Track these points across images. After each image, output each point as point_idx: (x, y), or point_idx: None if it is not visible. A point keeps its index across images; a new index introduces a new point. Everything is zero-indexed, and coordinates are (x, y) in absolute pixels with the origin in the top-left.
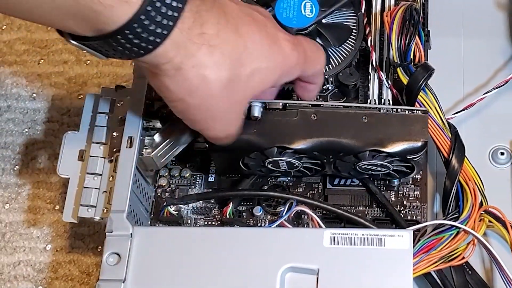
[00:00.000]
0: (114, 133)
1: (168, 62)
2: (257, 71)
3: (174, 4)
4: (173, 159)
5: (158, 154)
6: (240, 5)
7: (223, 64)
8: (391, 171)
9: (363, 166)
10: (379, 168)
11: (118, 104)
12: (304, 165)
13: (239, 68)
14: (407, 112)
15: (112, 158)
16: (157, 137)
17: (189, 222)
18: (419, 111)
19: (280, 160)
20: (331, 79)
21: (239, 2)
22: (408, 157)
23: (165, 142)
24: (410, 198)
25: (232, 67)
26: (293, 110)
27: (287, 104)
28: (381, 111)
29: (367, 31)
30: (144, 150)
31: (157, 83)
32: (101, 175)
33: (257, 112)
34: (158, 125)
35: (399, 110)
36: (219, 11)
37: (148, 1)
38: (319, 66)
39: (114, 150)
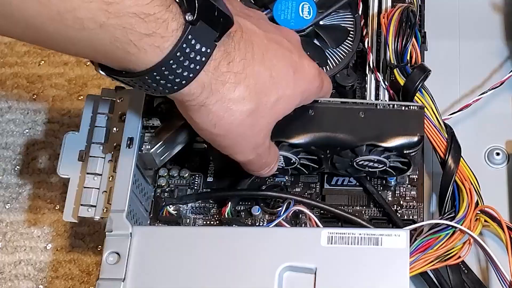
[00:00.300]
0: (114, 128)
1: (192, 100)
2: (281, 99)
3: (204, 49)
4: (172, 159)
5: (158, 151)
6: (268, 31)
7: (247, 96)
8: (387, 168)
9: (360, 162)
10: (376, 164)
11: (118, 100)
12: (301, 161)
13: (263, 98)
14: (403, 107)
15: (112, 158)
16: (156, 134)
17: (188, 221)
18: (415, 107)
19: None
20: None
21: (267, 28)
22: (405, 151)
23: (164, 139)
24: (406, 198)
25: (256, 98)
26: None
27: None
28: (378, 107)
29: (364, 33)
30: (143, 146)
31: (184, 113)
32: (101, 175)
33: None
34: (158, 123)
35: (395, 105)
36: (247, 45)
37: (179, 47)
38: (329, 91)
39: (114, 150)
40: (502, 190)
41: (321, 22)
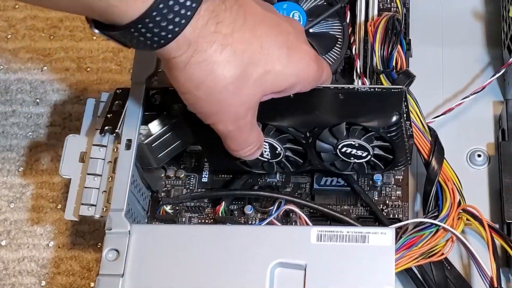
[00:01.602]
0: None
1: (179, 56)
2: (270, 73)
3: (188, 3)
4: (169, 160)
5: (153, 146)
6: (268, 11)
7: (233, 61)
8: (373, 158)
9: (343, 150)
10: (359, 153)
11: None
12: (286, 153)
13: (250, 67)
14: (384, 89)
15: (111, 159)
16: (152, 127)
17: (183, 220)
18: (396, 89)
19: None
20: None
21: (269, 10)
22: (382, 130)
23: (157, 132)
24: (392, 197)
25: (242, 65)
26: None
27: None
28: (359, 90)
29: (351, 40)
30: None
31: (170, 74)
32: (101, 175)
33: None
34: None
35: (376, 89)
36: (239, 11)
37: None
38: (328, 82)
39: (113, 152)
40: (483, 190)
41: (310, 30)
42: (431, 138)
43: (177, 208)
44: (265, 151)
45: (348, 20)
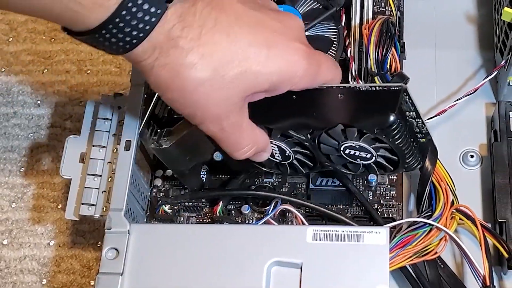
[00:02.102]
0: (113, 132)
1: (144, 60)
2: (247, 73)
3: (153, 10)
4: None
5: (179, 147)
6: (255, 9)
7: (200, 64)
8: (380, 160)
9: (346, 152)
10: (363, 154)
11: (117, 106)
12: (296, 156)
13: (222, 68)
14: (382, 88)
15: (111, 160)
16: (172, 132)
17: (182, 219)
18: (396, 87)
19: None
20: None
21: (257, 6)
22: (376, 132)
23: (180, 137)
24: (386, 197)
25: (211, 67)
26: None
27: None
28: (360, 88)
29: (347, 43)
30: (161, 140)
31: (144, 78)
32: (100, 176)
33: None
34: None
35: (376, 88)
36: (211, 13)
37: (124, 5)
38: (332, 83)
39: (113, 153)
40: (476, 190)
41: (306, 33)
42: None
43: (175, 207)
44: (275, 153)
45: (343, 23)
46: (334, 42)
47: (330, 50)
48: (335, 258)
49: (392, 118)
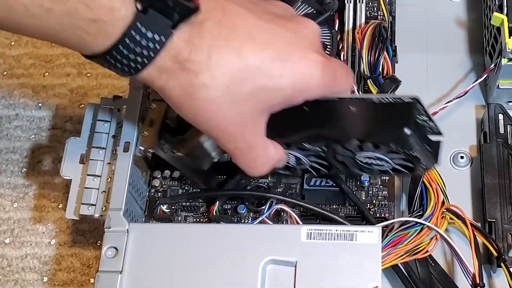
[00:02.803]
0: (113, 134)
1: (154, 82)
2: (261, 90)
3: (157, 37)
4: (165, 162)
5: (204, 146)
6: (269, 21)
7: (210, 85)
8: (397, 167)
9: (364, 161)
10: (379, 162)
11: (116, 109)
12: (311, 164)
13: (233, 88)
14: (396, 100)
15: (110, 161)
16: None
17: (179, 219)
18: (410, 99)
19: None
20: None
21: (271, 16)
22: (392, 145)
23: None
24: (379, 197)
25: (223, 87)
26: None
27: None
28: (373, 100)
29: (340, 47)
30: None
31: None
32: (100, 176)
33: None
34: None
35: (389, 98)
36: (221, 32)
37: (128, 34)
38: (346, 89)
39: (112, 154)
40: (466, 190)
41: None
42: None
43: (173, 207)
44: (290, 159)
45: (336, 28)
46: (328, 46)
47: None
48: (329, 257)
49: (407, 131)
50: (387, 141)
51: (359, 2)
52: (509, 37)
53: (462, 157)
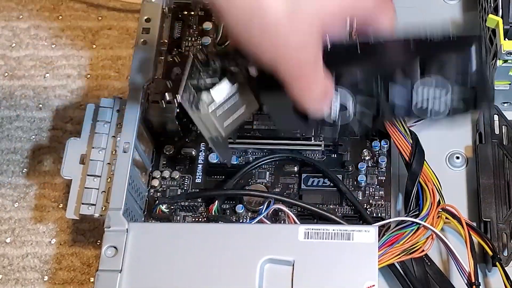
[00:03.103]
0: (112, 135)
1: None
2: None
3: None
4: (164, 162)
5: (217, 113)
6: None
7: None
8: (453, 95)
9: (419, 97)
10: (437, 96)
11: (116, 110)
12: (357, 109)
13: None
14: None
15: (110, 161)
16: (215, 93)
17: (178, 218)
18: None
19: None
20: None
21: None
22: (458, 59)
23: (229, 102)
24: (375, 197)
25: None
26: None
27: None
28: (432, 40)
29: None
30: (200, 105)
31: (221, 16)
32: (100, 176)
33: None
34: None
35: (450, 35)
36: None
37: None
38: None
39: (112, 154)
40: (461, 190)
41: None
42: (412, 141)
43: (172, 207)
44: (334, 106)
45: None
46: None
47: None
48: (326, 256)
49: (473, 49)
50: (454, 56)
51: None
52: (504, 39)
53: (457, 158)
